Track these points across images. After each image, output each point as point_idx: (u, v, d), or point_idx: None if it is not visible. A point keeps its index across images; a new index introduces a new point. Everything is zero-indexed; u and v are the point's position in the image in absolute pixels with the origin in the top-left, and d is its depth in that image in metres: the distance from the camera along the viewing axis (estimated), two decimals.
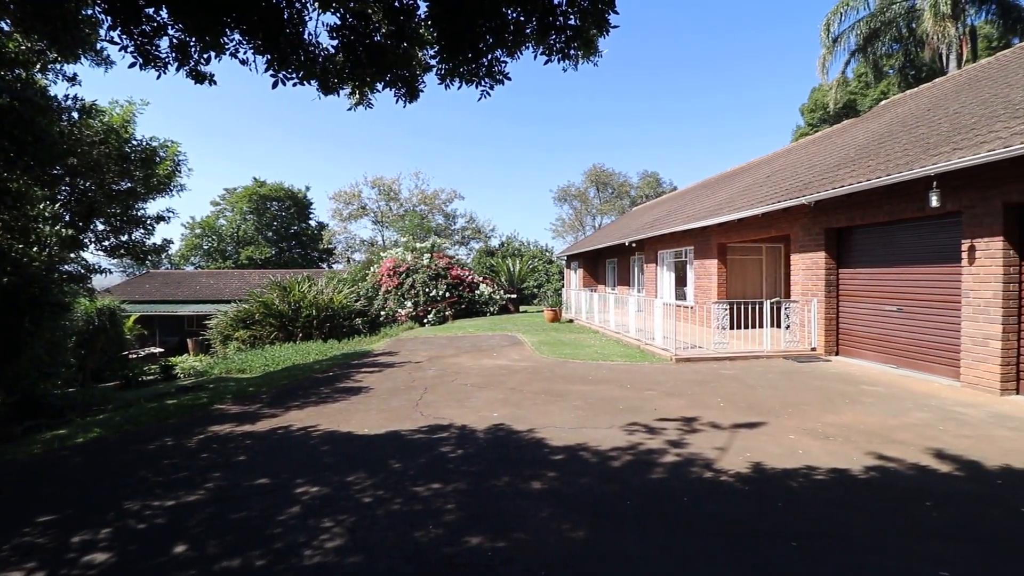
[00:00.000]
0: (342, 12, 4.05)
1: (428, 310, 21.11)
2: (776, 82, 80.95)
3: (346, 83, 4.45)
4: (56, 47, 6.34)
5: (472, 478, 4.23)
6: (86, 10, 4.88)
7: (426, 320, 20.88)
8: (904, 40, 21.55)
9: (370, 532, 3.36)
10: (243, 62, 4.04)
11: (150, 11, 3.83)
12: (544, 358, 10.39)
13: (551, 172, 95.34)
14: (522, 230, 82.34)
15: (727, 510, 3.56)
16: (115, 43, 3.89)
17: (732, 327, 10.93)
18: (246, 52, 4.02)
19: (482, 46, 4.02)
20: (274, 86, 4.07)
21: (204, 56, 4.05)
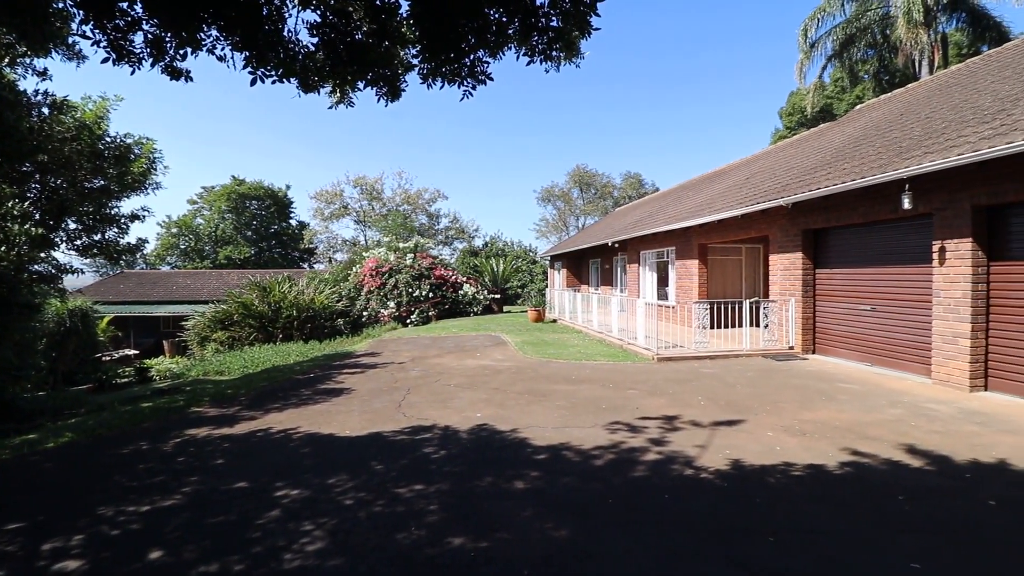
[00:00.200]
0: (322, 10, 4.01)
1: (411, 310, 20.99)
2: (756, 86, 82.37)
3: (327, 81, 4.40)
4: (25, 41, 6.17)
5: (455, 479, 4.22)
6: (57, 3, 4.76)
7: (409, 320, 20.75)
8: (879, 46, 22.09)
9: (351, 534, 3.33)
10: (220, 59, 3.97)
11: (124, 5, 3.74)
12: (527, 358, 10.40)
13: (535, 173, 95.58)
14: (506, 230, 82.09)
15: (707, 507, 3.62)
16: (87, 37, 3.80)
17: (712, 326, 11.08)
18: (224, 48, 3.94)
19: (464, 46, 4.01)
20: (252, 83, 4.00)
21: (180, 52, 3.97)
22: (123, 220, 11.58)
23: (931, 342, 7.21)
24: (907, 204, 7.15)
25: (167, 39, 3.88)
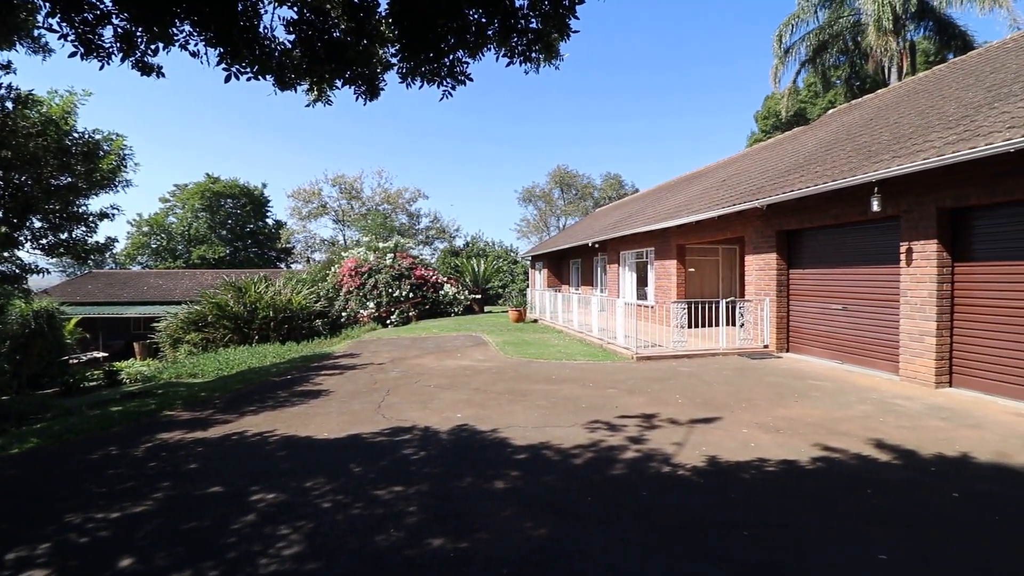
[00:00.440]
0: (299, 6, 3.96)
1: (391, 311, 20.82)
2: (733, 90, 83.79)
3: (304, 79, 4.33)
4: None
5: (435, 480, 4.21)
6: None
7: (389, 321, 20.58)
8: (850, 52, 22.70)
9: (329, 537, 3.30)
10: (194, 54, 3.88)
11: None
12: (508, 358, 10.42)
13: (516, 172, 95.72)
14: (487, 230, 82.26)
15: (684, 503, 3.68)
16: (54, 31, 3.68)
17: (690, 326, 11.25)
18: (197, 44, 3.85)
19: (444, 46, 4.00)
20: (227, 80, 3.92)
21: (151, 47, 3.86)
22: (91, 218, 11.22)
23: (899, 340, 7.44)
24: (876, 207, 7.36)
25: (138, 33, 3.77)
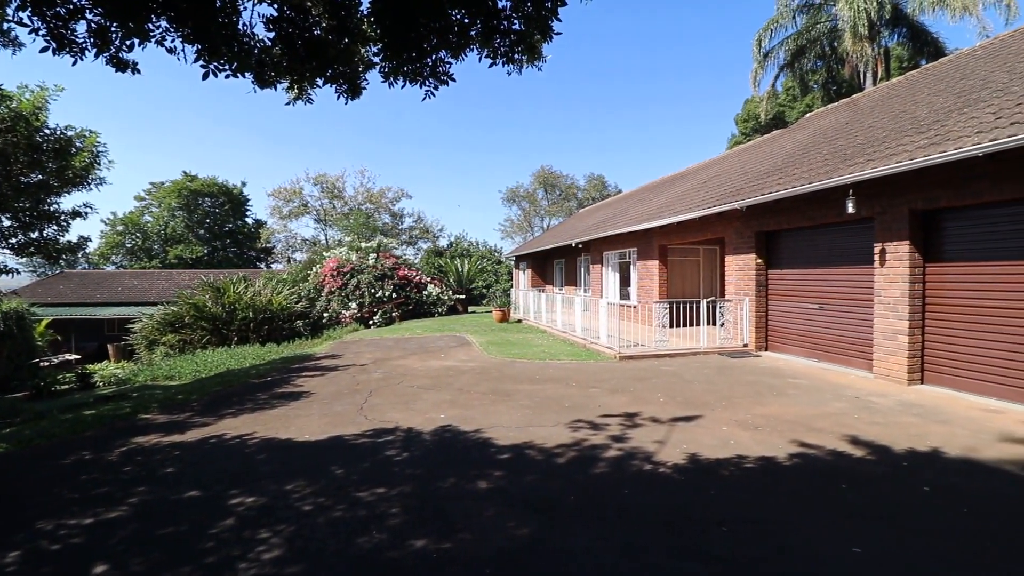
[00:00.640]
0: (279, 4, 3.91)
1: (374, 311, 20.66)
2: (714, 94, 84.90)
3: (284, 77, 4.28)
4: None
5: (418, 481, 4.19)
6: None
7: (372, 322, 20.42)
8: (827, 57, 23.21)
9: (310, 541, 3.27)
10: (170, 51, 3.81)
11: None
12: (492, 358, 10.42)
13: (500, 173, 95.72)
14: (471, 230, 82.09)
15: (665, 500, 3.72)
16: (25, 25, 3.58)
17: (672, 325, 11.38)
18: (174, 40, 3.78)
19: (426, 46, 3.99)
20: (204, 77, 3.85)
21: (126, 43, 3.77)
22: (63, 217, 10.95)
23: (873, 339, 7.62)
24: (851, 208, 7.54)
25: (112, 29, 3.69)
